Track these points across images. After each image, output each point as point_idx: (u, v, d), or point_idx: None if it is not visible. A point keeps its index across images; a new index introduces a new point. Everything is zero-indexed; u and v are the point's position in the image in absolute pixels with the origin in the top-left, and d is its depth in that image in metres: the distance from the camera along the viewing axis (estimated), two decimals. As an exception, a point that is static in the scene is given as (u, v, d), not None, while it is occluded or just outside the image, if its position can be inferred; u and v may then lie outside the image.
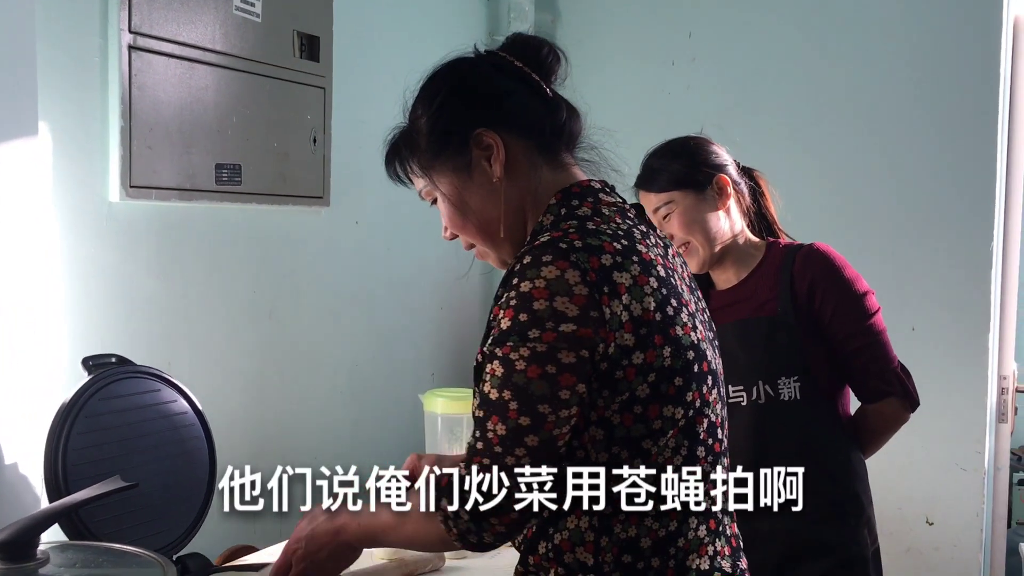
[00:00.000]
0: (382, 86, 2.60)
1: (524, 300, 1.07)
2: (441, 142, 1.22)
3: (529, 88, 1.24)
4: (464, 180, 1.22)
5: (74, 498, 1.32)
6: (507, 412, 1.07)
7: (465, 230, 1.25)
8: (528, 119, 1.23)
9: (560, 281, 1.06)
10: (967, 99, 2.63)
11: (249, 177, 2.12)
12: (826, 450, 1.79)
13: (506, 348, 1.07)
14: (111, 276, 1.87)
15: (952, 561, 2.65)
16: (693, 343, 1.13)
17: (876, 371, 1.81)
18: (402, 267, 2.73)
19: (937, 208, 2.67)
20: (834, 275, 1.80)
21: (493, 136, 1.20)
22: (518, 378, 1.06)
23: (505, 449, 1.07)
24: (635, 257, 1.12)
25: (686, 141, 1.89)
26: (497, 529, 1.10)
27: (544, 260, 1.08)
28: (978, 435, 2.63)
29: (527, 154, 1.22)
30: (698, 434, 1.14)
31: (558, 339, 1.05)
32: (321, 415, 2.44)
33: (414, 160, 1.26)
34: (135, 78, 1.84)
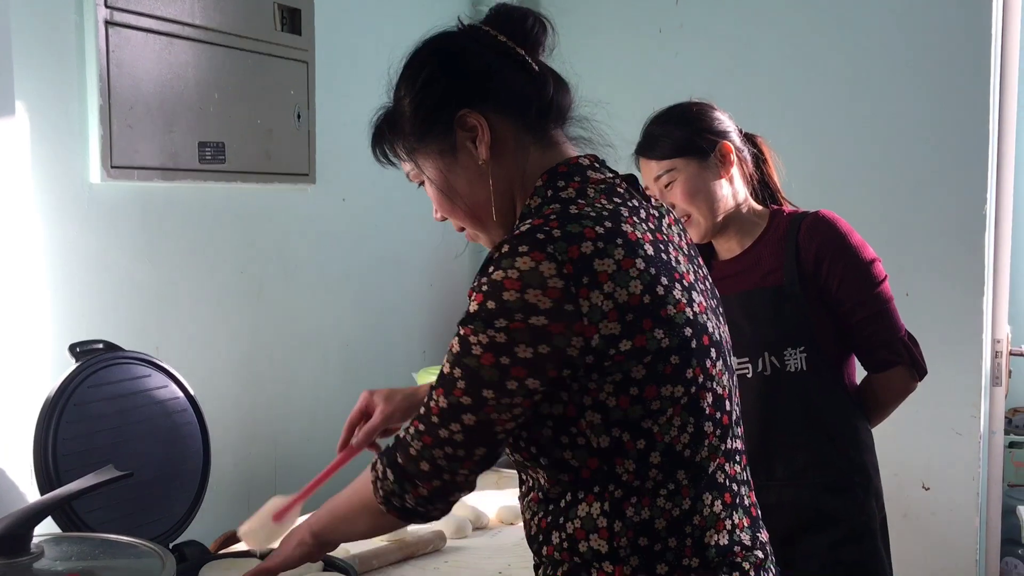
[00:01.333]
0: (366, 59, 2.55)
1: (494, 288, 1.05)
2: (425, 125, 1.19)
3: (514, 64, 1.20)
4: (450, 163, 1.19)
5: (67, 489, 1.28)
6: (453, 388, 1.09)
7: (454, 213, 1.23)
8: (513, 97, 1.19)
9: (534, 273, 1.04)
10: (959, 64, 2.61)
11: (233, 155, 2.07)
12: (833, 421, 1.77)
13: (467, 330, 1.07)
14: (95, 260, 1.82)
15: (949, 525, 2.66)
16: (689, 319, 1.11)
17: (883, 340, 1.78)
18: (391, 244, 2.69)
19: (930, 173, 2.65)
20: (841, 243, 1.76)
21: (477, 117, 1.17)
22: (470, 360, 1.07)
23: (441, 421, 1.10)
24: (619, 240, 1.08)
25: (688, 107, 1.84)
26: (420, 492, 1.13)
27: (520, 250, 1.05)
28: (973, 399, 2.63)
29: (514, 133, 1.19)
30: (703, 409, 1.12)
31: (522, 332, 1.04)
32: (313, 395, 2.41)
33: (399, 143, 1.23)
34: (113, 54, 1.79)
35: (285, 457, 2.29)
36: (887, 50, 2.68)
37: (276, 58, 2.18)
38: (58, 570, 1.18)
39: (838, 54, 2.74)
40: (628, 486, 1.09)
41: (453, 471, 1.11)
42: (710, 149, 1.79)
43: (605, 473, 1.09)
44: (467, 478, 1.13)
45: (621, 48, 3.01)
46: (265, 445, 2.26)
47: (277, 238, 2.28)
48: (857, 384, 1.86)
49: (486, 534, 1.95)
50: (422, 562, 1.78)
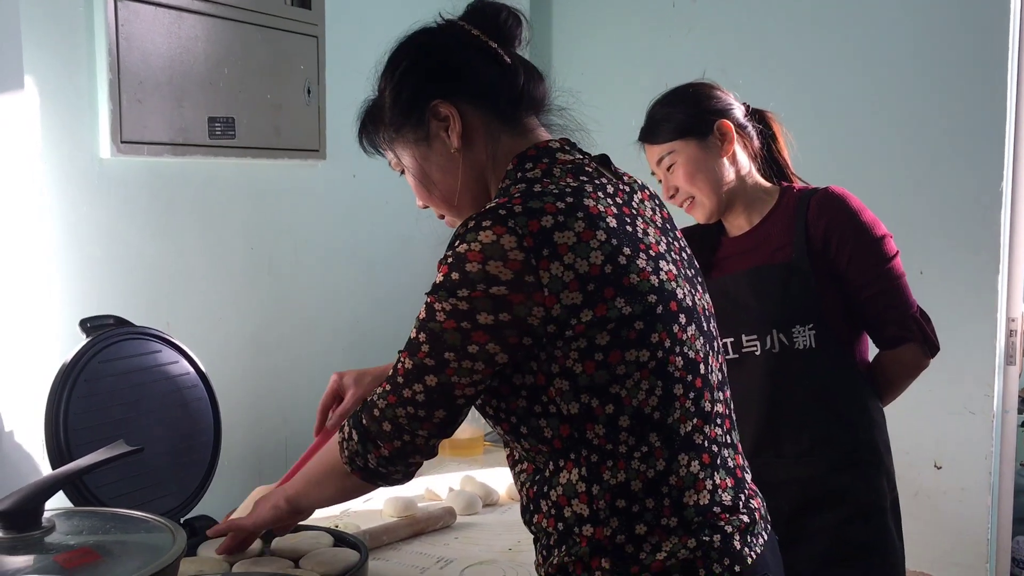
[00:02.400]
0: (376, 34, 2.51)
1: (458, 260, 1.11)
2: (402, 115, 1.26)
3: (486, 57, 1.26)
4: (424, 152, 1.26)
5: (78, 464, 1.29)
6: (417, 351, 1.15)
7: (431, 200, 1.31)
8: (485, 88, 1.25)
9: (495, 246, 1.09)
10: (976, 37, 2.57)
11: (243, 130, 2.06)
12: (842, 398, 1.76)
13: (433, 298, 1.13)
14: (105, 235, 1.82)
15: (961, 504, 2.65)
16: (654, 286, 1.14)
17: (894, 317, 1.76)
18: (401, 221, 2.67)
19: (946, 150, 2.62)
20: (850, 219, 1.75)
21: (449, 107, 1.23)
22: (434, 325, 1.13)
23: (405, 381, 1.16)
24: (580, 213, 1.13)
25: (686, 88, 1.84)
26: (381, 452, 1.19)
27: (483, 225, 1.11)
28: (987, 378, 2.62)
29: (485, 123, 1.25)
30: (671, 373, 1.14)
31: (483, 300, 1.10)
32: (322, 371, 2.39)
33: (379, 134, 1.30)
34: (122, 29, 1.78)
35: (295, 433, 2.30)
36: (904, 24, 2.65)
37: (286, 32, 2.17)
38: (69, 544, 1.18)
39: (853, 29, 2.71)
40: (602, 450, 1.13)
41: (413, 431, 1.17)
42: (709, 129, 1.78)
43: (576, 440, 1.13)
44: (427, 441, 1.18)
45: (634, 24, 2.98)
46: (275, 421, 2.26)
47: (287, 214, 2.27)
48: (869, 362, 1.85)
49: (496, 511, 1.96)
50: (432, 538, 1.78)
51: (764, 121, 1.88)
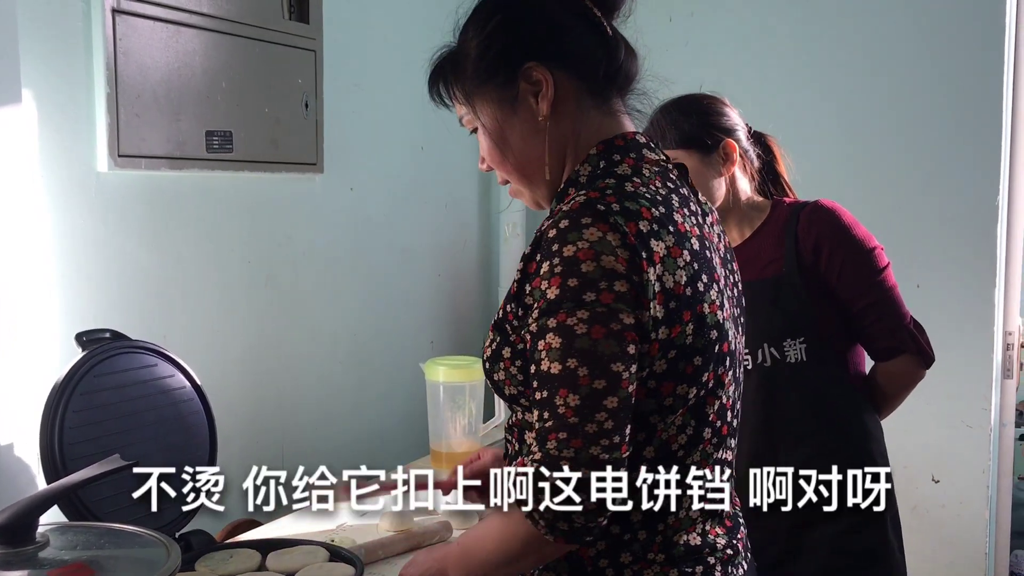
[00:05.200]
0: (375, 48, 2.55)
1: (570, 264, 1.00)
2: (488, 71, 1.16)
3: (588, 24, 1.16)
4: (507, 114, 1.16)
5: (73, 478, 1.28)
6: (577, 380, 0.99)
7: (503, 166, 1.20)
8: (583, 58, 1.15)
9: (603, 242, 1.01)
10: (972, 54, 2.58)
11: (240, 144, 2.06)
12: (837, 411, 1.76)
13: (561, 316, 1.00)
14: (102, 248, 1.82)
15: (958, 518, 2.65)
16: (718, 322, 1.09)
17: (887, 328, 1.76)
18: (399, 234, 2.68)
19: (942, 163, 2.63)
20: (840, 231, 1.75)
21: (544, 72, 1.14)
22: (582, 343, 0.99)
23: (583, 419, 0.99)
24: (671, 227, 1.06)
25: (699, 99, 1.83)
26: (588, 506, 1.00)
27: (584, 223, 1.02)
28: (984, 391, 2.61)
29: (577, 95, 1.16)
30: (707, 415, 1.10)
31: (616, 298, 1.00)
32: (320, 385, 2.41)
33: (458, 85, 1.19)
34: (120, 43, 1.78)
35: (293, 445, 2.29)
36: (899, 41, 2.66)
37: (284, 47, 2.17)
38: (63, 559, 1.18)
39: (850, 44, 2.71)
40: None
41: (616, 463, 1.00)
42: (714, 146, 1.78)
43: None
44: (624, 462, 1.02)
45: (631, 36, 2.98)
46: (273, 434, 2.26)
47: (285, 227, 2.27)
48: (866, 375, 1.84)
49: (493, 525, 1.95)
50: (428, 552, 1.77)
51: (765, 144, 1.88)
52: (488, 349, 1.15)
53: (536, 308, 1.03)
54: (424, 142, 2.74)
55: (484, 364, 1.17)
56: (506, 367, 1.12)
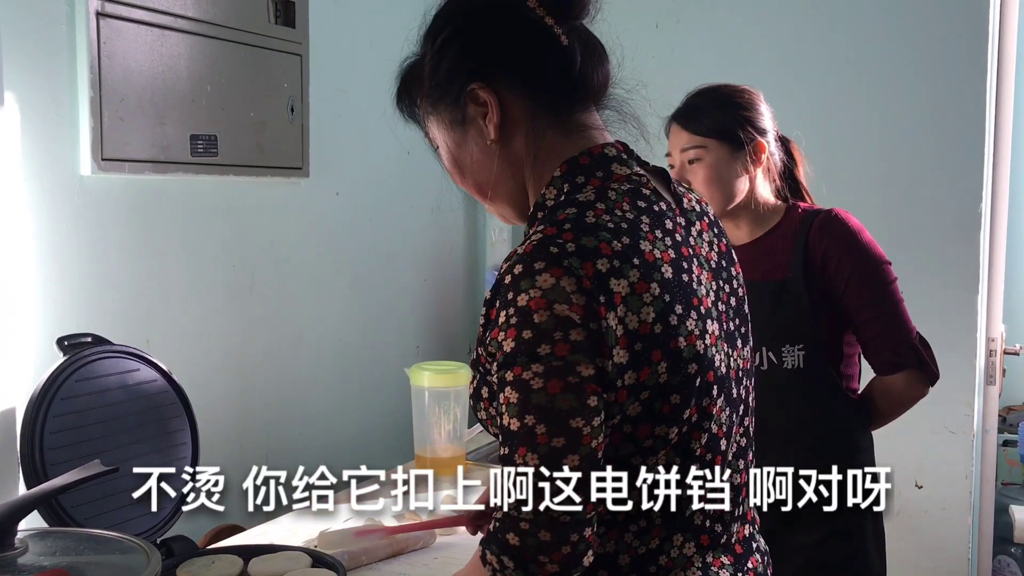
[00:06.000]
0: (361, 52, 2.54)
1: (524, 315, 0.95)
2: (438, 91, 1.11)
3: (539, 34, 1.08)
4: (459, 136, 1.12)
5: (53, 484, 1.28)
6: (535, 438, 0.94)
7: (464, 185, 1.16)
8: (532, 75, 1.08)
9: (557, 289, 0.95)
10: (956, 60, 2.60)
11: (225, 148, 2.06)
12: (828, 421, 1.75)
13: (516, 369, 0.95)
14: (84, 252, 1.81)
15: (941, 524, 2.66)
16: (697, 354, 1.02)
17: (890, 343, 1.74)
18: (385, 239, 2.68)
19: (926, 170, 2.64)
20: (850, 243, 1.74)
21: (489, 93, 1.08)
22: (538, 398, 0.94)
23: (542, 477, 0.94)
24: (636, 259, 0.99)
25: (740, 92, 1.81)
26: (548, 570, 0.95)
27: (537, 268, 0.96)
28: (967, 398, 2.63)
29: (529, 115, 1.09)
30: (693, 451, 1.05)
31: (573, 349, 0.94)
32: (305, 391, 2.40)
33: (418, 105, 1.16)
34: (104, 46, 1.77)
35: (277, 452, 2.29)
36: (883, 47, 2.67)
37: (270, 51, 2.17)
38: (42, 565, 1.17)
39: (834, 51, 2.73)
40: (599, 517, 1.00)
41: (579, 525, 0.95)
42: (747, 142, 1.76)
43: None
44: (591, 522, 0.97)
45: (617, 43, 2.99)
46: (257, 439, 2.25)
47: (269, 232, 2.27)
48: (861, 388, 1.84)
49: (477, 530, 1.95)
50: (411, 558, 1.77)
51: (787, 148, 1.87)
52: (471, 387, 1.11)
53: (496, 359, 0.98)
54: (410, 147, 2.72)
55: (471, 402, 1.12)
56: (486, 407, 1.08)
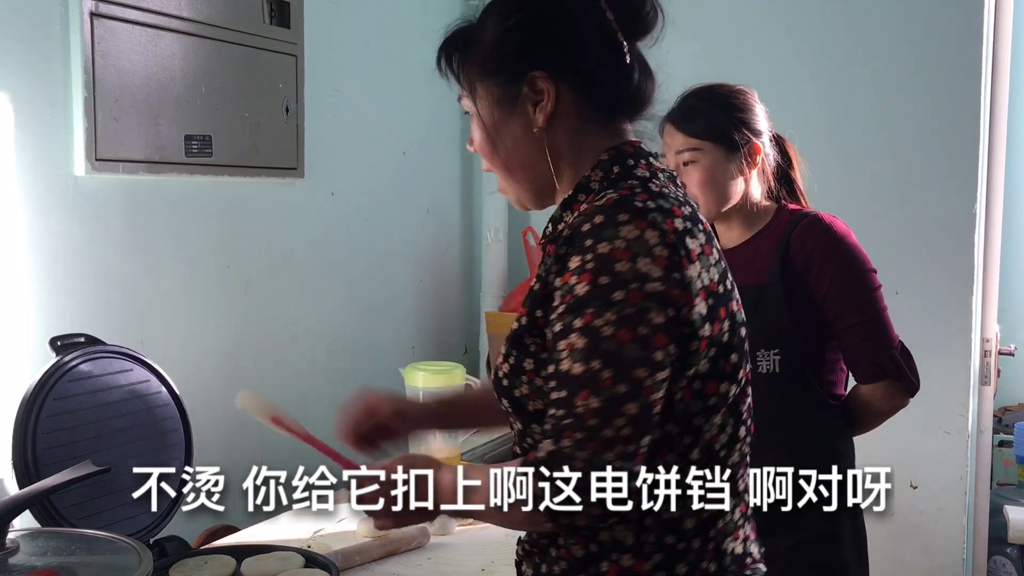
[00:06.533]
0: (356, 53, 2.55)
1: (602, 262, 0.98)
2: (496, 66, 1.13)
3: (608, 46, 1.12)
4: (504, 113, 1.14)
5: (44, 484, 1.28)
6: (599, 382, 0.97)
7: (491, 159, 1.18)
8: (594, 80, 1.12)
9: (640, 241, 0.99)
10: (950, 62, 2.60)
11: (220, 148, 2.06)
12: (806, 427, 1.72)
13: (587, 316, 0.98)
14: (78, 252, 1.81)
15: (936, 524, 2.66)
16: (743, 320, 1.10)
17: (870, 351, 1.72)
18: (380, 239, 2.68)
19: (921, 171, 2.65)
20: (833, 248, 1.71)
21: (549, 84, 1.11)
22: (607, 344, 0.97)
23: (602, 421, 0.97)
24: (700, 225, 1.06)
25: (736, 92, 1.79)
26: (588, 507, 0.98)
27: (620, 219, 1.00)
28: (961, 398, 2.63)
29: (579, 115, 1.13)
30: (742, 413, 1.10)
31: (645, 298, 0.98)
32: (300, 392, 2.40)
33: (463, 68, 1.16)
34: (98, 46, 1.78)
35: (271, 451, 2.28)
36: (877, 49, 2.68)
37: (265, 51, 2.17)
38: (34, 565, 1.17)
39: (829, 53, 2.73)
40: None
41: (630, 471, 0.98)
42: (742, 144, 1.74)
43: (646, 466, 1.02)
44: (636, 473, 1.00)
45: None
46: (250, 439, 2.25)
47: (264, 232, 2.27)
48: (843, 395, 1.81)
49: (470, 531, 1.95)
50: (405, 559, 1.77)
51: (782, 147, 1.85)
52: (505, 365, 1.11)
53: (562, 304, 1.01)
54: (406, 147, 2.75)
55: (501, 381, 1.13)
56: (530, 379, 1.09)
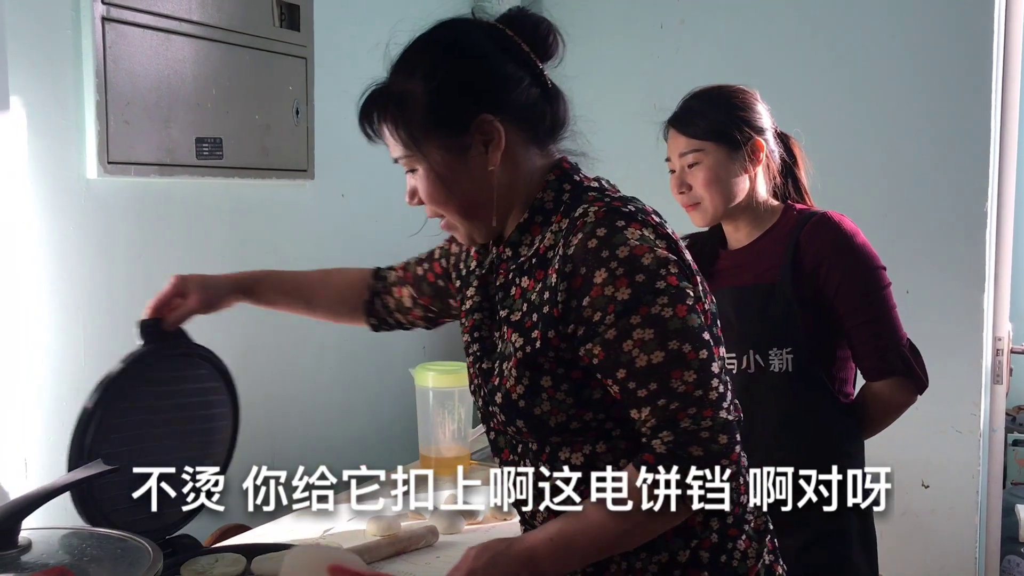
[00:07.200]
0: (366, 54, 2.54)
1: (629, 263, 1.08)
2: (440, 120, 1.16)
3: (531, 75, 1.19)
4: (456, 160, 1.17)
5: (56, 483, 1.29)
6: (684, 357, 1.07)
7: (445, 206, 1.21)
8: (530, 110, 1.19)
9: (645, 238, 1.10)
10: (961, 59, 2.59)
11: (231, 151, 2.07)
12: (815, 425, 1.73)
13: (643, 309, 1.07)
14: (90, 255, 1.83)
15: (948, 523, 2.65)
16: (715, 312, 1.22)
17: (878, 348, 1.72)
18: (390, 240, 2.67)
19: (931, 169, 2.64)
20: (842, 246, 1.72)
21: (496, 125, 1.16)
22: (674, 324, 1.07)
23: (705, 388, 1.07)
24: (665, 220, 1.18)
25: (735, 92, 1.81)
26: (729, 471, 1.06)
27: (619, 225, 1.10)
28: (973, 397, 2.62)
29: (524, 144, 1.20)
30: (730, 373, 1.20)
31: (678, 279, 1.09)
32: (311, 392, 2.42)
33: (401, 126, 1.18)
34: (110, 50, 1.79)
35: (283, 451, 2.30)
36: (888, 46, 2.67)
37: (275, 54, 2.19)
38: (45, 563, 1.18)
39: (838, 50, 2.73)
40: None
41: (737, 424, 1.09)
42: (744, 142, 1.75)
43: None
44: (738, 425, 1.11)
45: (621, 44, 3.00)
46: (262, 440, 2.26)
47: (275, 234, 2.29)
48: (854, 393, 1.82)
49: (479, 530, 1.96)
50: (414, 557, 1.78)
51: (787, 145, 1.86)
52: (519, 387, 1.15)
53: (609, 313, 1.08)
54: (416, 148, 2.75)
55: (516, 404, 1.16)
56: (551, 396, 1.14)
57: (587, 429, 1.15)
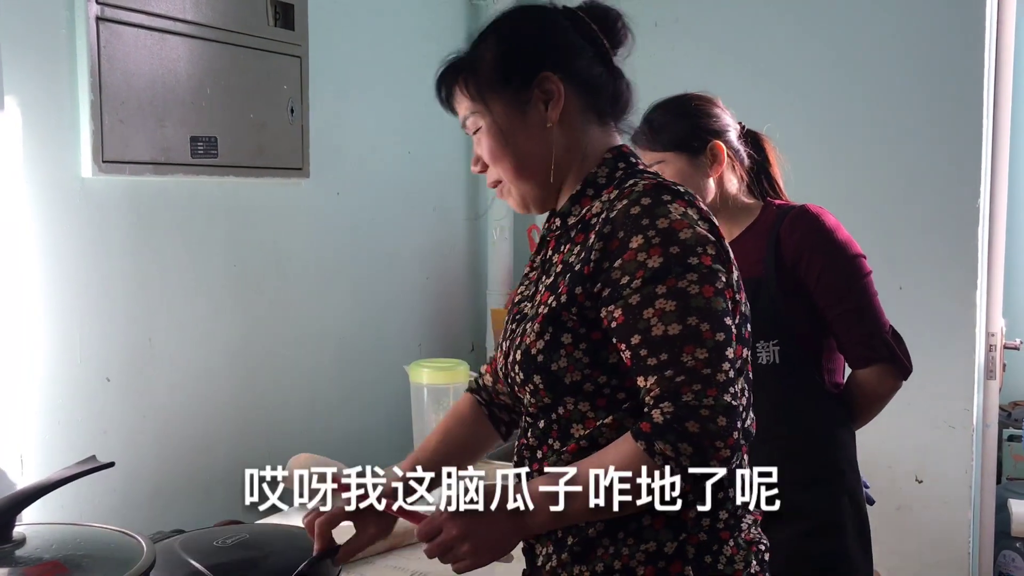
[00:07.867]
0: (360, 53, 2.57)
1: (667, 235, 1.11)
2: (506, 75, 1.25)
3: (597, 52, 1.27)
4: (517, 117, 1.25)
5: (50, 478, 1.30)
6: (700, 335, 1.08)
7: (501, 163, 1.26)
8: (592, 80, 1.26)
9: (688, 215, 1.13)
10: (953, 56, 2.60)
11: (225, 149, 2.08)
12: (806, 416, 1.75)
13: (670, 281, 1.09)
14: (86, 254, 1.84)
15: (942, 518, 2.66)
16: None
17: (862, 336, 1.75)
18: (386, 238, 2.70)
19: (924, 165, 2.65)
20: (821, 237, 1.75)
21: (558, 83, 1.23)
22: (697, 302, 1.09)
23: (714, 367, 1.07)
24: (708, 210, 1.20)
25: (688, 101, 1.85)
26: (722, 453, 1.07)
27: (665, 199, 1.14)
28: (967, 392, 2.63)
29: (582, 111, 1.26)
30: (751, 381, 1.18)
31: (714, 260, 1.12)
32: (308, 389, 2.43)
33: (471, 83, 1.26)
34: (104, 50, 1.80)
35: (279, 448, 2.31)
36: (881, 44, 2.68)
37: (269, 53, 2.20)
38: (39, 557, 1.20)
39: (832, 48, 2.74)
40: None
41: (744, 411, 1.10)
42: (702, 148, 1.80)
43: None
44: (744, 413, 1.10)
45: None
46: (259, 437, 2.28)
47: (271, 233, 2.30)
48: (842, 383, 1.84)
49: (474, 525, 1.96)
50: (406, 552, 1.79)
51: (758, 143, 1.89)
52: (540, 341, 1.18)
53: (637, 279, 1.11)
54: (411, 147, 2.77)
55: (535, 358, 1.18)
56: (568, 352, 1.17)
57: (599, 394, 1.17)
